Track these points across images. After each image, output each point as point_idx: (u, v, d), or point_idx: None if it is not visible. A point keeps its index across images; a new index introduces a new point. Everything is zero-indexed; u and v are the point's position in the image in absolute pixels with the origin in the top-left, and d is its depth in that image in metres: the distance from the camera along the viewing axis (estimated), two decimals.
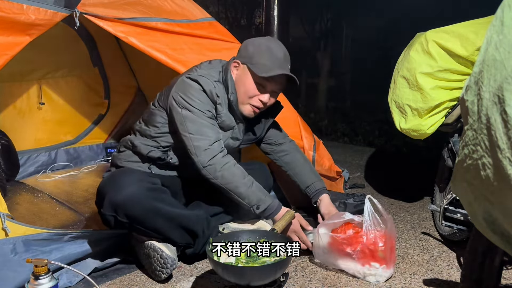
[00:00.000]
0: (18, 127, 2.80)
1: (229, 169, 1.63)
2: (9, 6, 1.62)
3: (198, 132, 1.62)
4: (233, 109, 1.74)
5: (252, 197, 1.65)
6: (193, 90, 1.65)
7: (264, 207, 1.66)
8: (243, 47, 1.75)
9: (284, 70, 1.68)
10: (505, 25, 0.65)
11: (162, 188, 1.66)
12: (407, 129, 1.98)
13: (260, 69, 1.66)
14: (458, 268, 1.68)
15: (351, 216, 1.66)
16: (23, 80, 2.79)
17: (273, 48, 1.70)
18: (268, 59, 1.67)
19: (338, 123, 4.77)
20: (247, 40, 1.76)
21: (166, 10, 2.14)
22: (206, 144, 1.62)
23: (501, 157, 0.63)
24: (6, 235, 1.44)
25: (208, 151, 1.62)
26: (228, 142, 1.78)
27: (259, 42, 1.72)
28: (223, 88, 1.71)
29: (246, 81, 1.70)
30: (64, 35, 2.74)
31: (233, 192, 1.64)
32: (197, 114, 1.64)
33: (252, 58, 1.68)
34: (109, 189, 1.58)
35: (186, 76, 1.68)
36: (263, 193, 1.68)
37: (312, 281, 1.59)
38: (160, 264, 1.55)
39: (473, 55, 1.76)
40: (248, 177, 1.67)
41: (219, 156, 1.63)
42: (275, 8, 4.51)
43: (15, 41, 1.64)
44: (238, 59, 1.73)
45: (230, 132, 1.78)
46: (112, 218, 1.57)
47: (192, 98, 1.64)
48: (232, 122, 1.77)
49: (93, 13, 1.82)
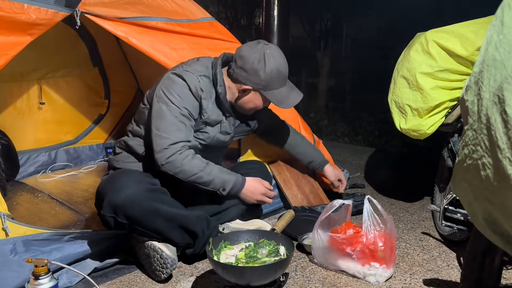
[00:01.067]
0: (18, 127, 2.79)
1: (188, 162, 1.63)
2: (10, 5, 1.62)
3: (164, 130, 1.62)
4: (221, 102, 1.73)
5: (216, 182, 1.67)
6: (175, 86, 1.65)
7: (230, 187, 1.69)
8: (251, 70, 1.68)
9: (293, 92, 1.78)
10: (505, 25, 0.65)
11: (162, 189, 1.66)
12: (407, 129, 1.98)
13: (276, 99, 1.73)
14: (458, 268, 1.68)
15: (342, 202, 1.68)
16: (23, 80, 2.79)
17: (282, 69, 1.72)
18: (279, 83, 1.72)
19: (338, 123, 4.77)
20: (251, 61, 1.67)
21: (167, 9, 2.14)
22: (166, 143, 1.61)
23: (501, 157, 0.63)
24: (6, 235, 1.44)
25: (166, 150, 1.61)
26: (217, 136, 1.78)
27: (270, 68, 1.67)
28: (210, 82, 1.72)
29: (256, 102, 1.76)
30: (64, 35, 2.74)
31: (197, 183, 1.66)
32: (172, 111, 1.63)
33: (265, 86, 1.70)
34: (108, 190, 1.58)
35: (172, 72, 1.69)
36: (226, 173, 1.71)
37: (312, 281, 1.59)
38: (160, 264, 1.55)
39: (473, 55, 1.76)
40: (208, 164, 1.68)
41: (176, 154, 1.61)
42: (275, 8, 4.51)
43: (16, 41, 1.64)
44: (248, 84, 1.71)
45: (218, 127, 1.78)
46: (112, 220, 1.57)
47: (172, 94, 1.64)
48: (219, 116, 1.76)
49: (93, 12, 1.82)
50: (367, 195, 1.68)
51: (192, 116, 1.68)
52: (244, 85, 1.71)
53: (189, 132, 1.68)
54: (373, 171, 3.14)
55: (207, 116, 1.72)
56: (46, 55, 2.77)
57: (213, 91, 1.72)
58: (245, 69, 1.69)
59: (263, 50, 1.68)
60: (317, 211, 2.06)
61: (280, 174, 2.30)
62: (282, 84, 1.73)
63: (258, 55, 1.67)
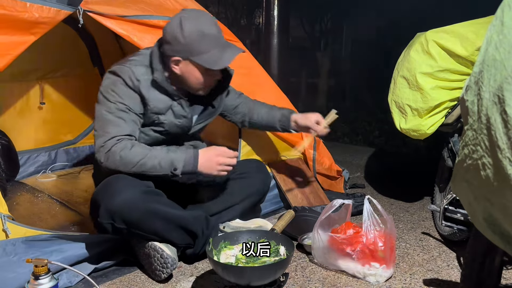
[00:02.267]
0: (18, 127, 2.79)
1: (127, 152, 1.55)
2: (12, 4, 1.61)
3: (100, 129, 1.59)
4: (162, 87, 1.64)
5: (163, 164, 1.57)
6: (110, 83, 1.61)
7: (181, 164, 1.58)
8: (172, 39, 1.59)
9: (227, 50, 1.62)
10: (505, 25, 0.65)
11: (157, 191, 1.63)
12: (407, 129, 1.98)
13: (206, 62, 1.59)
14: (458, 268, 1.68)
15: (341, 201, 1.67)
16: (23, 80, 2.79)
17: (205, 30, 1.59)
18: (207, 45, 1.59)
19: (338, 123, 4.77)
20: (171, 30, 1.59)
21: (168, 8, 2.14)
22: (103, 140, 1.57)
23: (501, 157, 0.63)
24: (6, 236, 1.44)
25: (102, 148, 1.56)
26: (173, 122, 1.71)
27: (188, 29, 1.57)
28: (147, 69, 1.63)
29: (195, 74, 1.63)
30: (64, 35, 2.74)
31: (145, 172, 1.57)
32: (108, 109, 1.59)
33: (191, 51, 1.58)
34: (104, 196, 1.54)
35: (108, 70, 1.65)
36: (175, 152, 1.62)
37: (312, 281, 1.59)
38: (161, 264, 1.55)
39: (473, 55, 1.77)
40: (153, 150, 1.60)
41: (113, 148, 1.55)
42: (275, 8, 4.51)
43: (19, 40, 1.64)
44: (175, 55, 1.61)
45: (170, 113, 1.69)
46: (110, 226, 1.53)
47: (108, 91, 1.60)
48: (167, 102, 1.67)
49: (96, 10, 1.82)
50: (367, 195, 1.68)
51: (132, 110, 1.61)
52: (172, 57, 1.61)
53: (130, 126, 1.60)
54: (373, 171, 3.14)
55: (153, 105, 1.64)
56: (46, 55, 2.77)
57: (150, 77, 1.64)
58: (168, 40, 1.60)
59: (180, 16, 1.60)
60: (317, 211, 2.06)
61: (280, 174, 2.30)
62: (211, 46, 1.59)
63: (175, 22, 1.58)
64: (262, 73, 2.38)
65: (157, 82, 1.63)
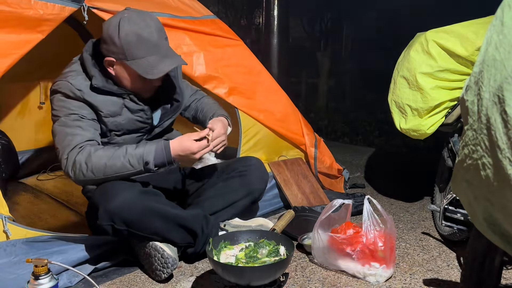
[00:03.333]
0: (18, 127, 2.80)
1: (93, 159, 1.50)
2: (17, 1, 1.61)
3: (59, 144, 1.54)
4: (105, 90, 1.58)
5: (133, 160, 1.51)
6: (55, 101, 1.58)
7: (152, 157, 1.51)
8: (108, 38, 1.51)
9: (165, 60, 1.54)
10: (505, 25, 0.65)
11: (155, 191, 1.63)
12: (407, 129, 1.98)
13: (140, 68, 1.52)
14: (458, 268, 1.68)
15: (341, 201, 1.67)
16: (23, 80, 2.79)
17: (144, 34, 1.50)
18: (144, 51, 1.51)
19: (338, 123, 4.77)
20: (107, 29, 1.52)
21: (171, 6, 2.15)
22: (64, 154, 1.52)
23: (501, 157, 0.63)
24: (7, 237, 1.44)
25: (66, 162, 1.52)
26: (133, 119, 1.65)
27: (125, 31, 1.49)
28: (84, 77, 1.58)
29: (130, 78, 1.57)
30: (64, 35, 2.74)
31: (116, 174, 1.52)
32: (61, 123, 1.55)
33: (125, 54, 1.51)
34: (102, 199, 1.52)
35: (50, 90, 1.61)
36: (141, 146, 1.55)
37: (312, 281, 1.59)
38: (161, 264, 1.55)
39: (473, 55, 1.77)
40: (119, 148, 1.53)
41: (77, 159, 1.50)
42: (275, 8, 4.51)
43: (26, 39, 1.63)
44: (110, 56, 1.54)
45: (126, 111, 1.64)
46: (110, 228, 1.52)
47: (56, 109, 1.57)
48: (117, 103, 1.61)
49: (100, 7, 1.82)
50: (367, 195, 1.68)
51: (85, 117, 1.56)
52: (107, 57, 1.55)
53: (88, 131, 1.55)
54: (373, 171, 3.14)
55: (105, 110, 1.59)
56: (46, 55, 2.77)
57: (89, 84, 1.57)
58: (104, 39, 1.54)
59: (120, 16, 1.52)
60: (317, 211, 2.06)
61: (280, 174, 2.30)
62: (149, 52, 1.52)
63: (114, 21, 1.51)
64: (263, 71, 2.39)
65: (99, 87, 1.57)
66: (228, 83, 2.17)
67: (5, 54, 1.57)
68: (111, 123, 1.63)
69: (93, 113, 1.60)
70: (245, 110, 2.20)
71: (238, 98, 2.19)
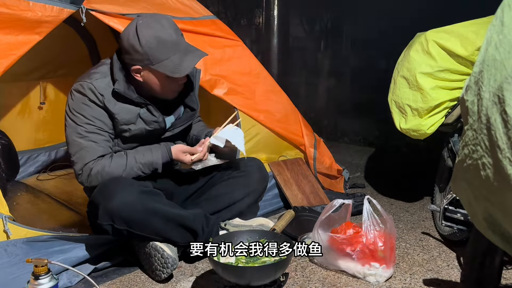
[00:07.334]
0: (18, 127, 2.79)
1: (109, 172, 1.59)
2: (16, 3, 1.62)
3: (74, 155, 1.61)
4: (125, 97, 1.61)
5: (145, 169, 1.65)
6: (74, 103, 1.60)
7: (160, 162, 1.67)
8: (129, 48, 1.55)
9: (188, 56, 1.59)
10: (505, 25, 0.65)
11: (155, 190, 1.63)
12: (407, 129, 1.98)
13: (168, 69, 1.56)
14: (458, 268, 1.68)
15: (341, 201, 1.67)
16: (23, 80, 2.79)
17: (163, 35, 1.54)
18: (166, 52, 1.55)
19: (338, 123, 4.77)
20: (127, 39, 1.55)
21: (170, 7, 2.14)
22: (79, 168, 1.60)
23: (501, 157, 0.63)
24: (7, 237, 1.44)
25: (81, 175, 1.61)
26: (145, 129, 1.68)
27: (145, 37, 1.52)
28: (108, 81, 1.61)
29: (158, 81, 1.61)
30: (64, 35, 2.74)
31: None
32: (79, 133, 1.59)
33: (149, 60, 1.55)
34: (102, 198, 1.53)
35: (72, 88, 1.63)
36: (148, 151, 1.66)
37: (312, 281, 1.59)
38: (161, 264, 1.55)
39: (473, 55, 1.77)
40: (128, 156, 1.63)
41: (92, 173, 1.59)
42: (275, 8, 4.51)
43: (24, 40, 1.64)
44: (135, 64, 1.58)
45: (140, 121, 1.67)
46: (110, 227, 1.53)
47: (74, 113, 1.60)
48: (133, 112, 1.64)
49: (98, 9, 1.82)
50: (367, 195, 1.68)
51: (102, 129, 1.61)
52: (133, 66, 1.58)
53: (103, 146, 1.61)
54: (373, 171, 3.14)
55: (120, 118, 1.62)
56: (46, 55, 2.77)
57: (112, 89, 1.61)
58: (125, 49, 1.57)
59: (135, 23, 1.54)
60: (317, 211, 2.06)
61: (280, 174, 2.30)
62: (172, 52, 1.56)
63: (131, 30, 1.54)
64: (262, 72, 2.38)
65: (119, 92, 1.59)
66: (227, 83, 2.16)
67: (3, 55, 1.58)
68: (124, 130, 1.66)
69: (110, 121, 1.63)
70: (245, 110, 2.20)
71: (237, 99, 2.19)
